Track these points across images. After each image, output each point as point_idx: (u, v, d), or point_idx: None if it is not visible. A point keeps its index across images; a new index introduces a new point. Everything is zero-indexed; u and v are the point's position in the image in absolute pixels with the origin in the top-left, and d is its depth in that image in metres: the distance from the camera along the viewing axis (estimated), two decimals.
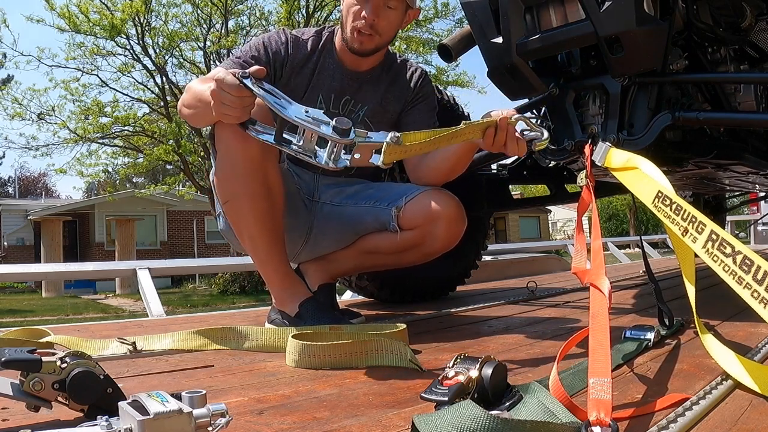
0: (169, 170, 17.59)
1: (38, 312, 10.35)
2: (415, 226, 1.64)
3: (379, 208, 1.69)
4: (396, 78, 1.79)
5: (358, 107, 1.73)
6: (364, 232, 1.74)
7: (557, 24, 1.59)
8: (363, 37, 1.60)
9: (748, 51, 1.81)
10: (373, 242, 1.74)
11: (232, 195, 1.50)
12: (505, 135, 1.34)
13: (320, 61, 1.69)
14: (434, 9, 12.79)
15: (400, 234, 1.65)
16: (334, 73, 1.69)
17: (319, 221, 1.77)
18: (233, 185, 1.49)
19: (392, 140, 1.10)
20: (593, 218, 1.13)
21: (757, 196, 4.29)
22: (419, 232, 1.64)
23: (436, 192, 1.65)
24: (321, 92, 1.68)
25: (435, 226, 1.62)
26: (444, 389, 0.77)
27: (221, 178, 1.51)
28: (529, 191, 19.15)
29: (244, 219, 1.51)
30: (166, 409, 0.61)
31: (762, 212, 7.30)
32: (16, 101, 12.53)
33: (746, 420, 0.79)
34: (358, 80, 1.72)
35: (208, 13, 12.35)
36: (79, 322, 4.99)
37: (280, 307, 1.55)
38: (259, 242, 1.53)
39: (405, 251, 1.70)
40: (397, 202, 1.65)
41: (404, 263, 1.78)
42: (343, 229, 1.76)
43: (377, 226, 1.70)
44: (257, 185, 1.47)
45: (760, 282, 0.83)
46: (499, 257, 4.95)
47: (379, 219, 1.68)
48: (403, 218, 1.64)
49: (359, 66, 1.71)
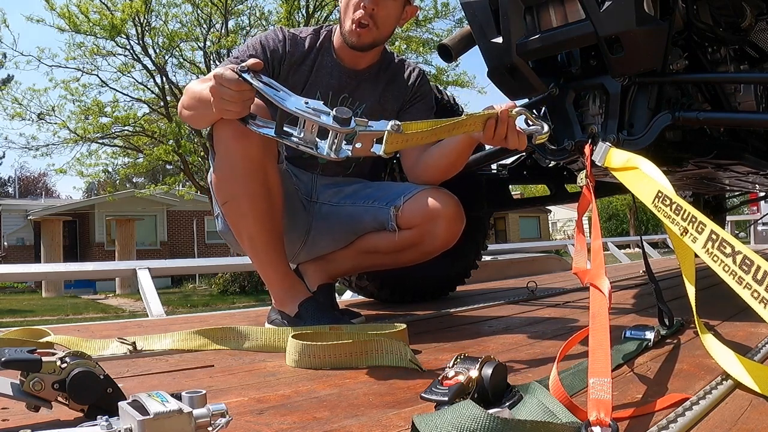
0: (169, 170, 17.58)
1: (38, 312, 10.35)
2: (414, 225, 1.64)
3: (377, 207, 1.69)
4: (394, 77, 1.80)
5: (356, 105, 1.73)
6: (362, 231, 1.74)
7: (557, 24, 1.59)
8: (362, 30, 1.60)
9: (748, 51, 1.81)
10: (371, 242, 1.74)
11: (231, 196, 1.50)
12: (506, 127, 1.34)
13: (318, 58, 1.70)
14: (434, 9, 12.78)
15: (398, 233, 1.65)
16: (332, 70, 1.70)
17: (318, 221, 1.77)
18: (232, 186, 1.48)
19: (393, 128, 1.10)
20: (593, 218, 1.13)
21: (757, 196, 4.29)
22: (418, 231, 1.64)
23: (435, 191, 1.65)
24: (319, 89, 1.68)
25: (434, 225, 1.62)
26: (444, 389, 0.77)
27: (220, 179, 1.51)
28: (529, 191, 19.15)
29: (243, 219, 1.50)
30: (166, 409, 0.61)
31: (762, 212, 7.31)
32: (16, 101, 12.54)
33: (746, 420, 0.79)
34: (356, 78, 1.73)
35: (208, 13, 12.35)
36: (79, 322, 4.99)
37: (279, 308, 1.55)
38: (259, 243, 1.52)
39: (404, 250, 1.70)
40: (396, 201, 1.65)
41: (403, 262, 1.78)
42: (341, 229, 1.76)
43: (376, 225, 1.70)
44: (257, 186, 1.47)
45: (760, 282, 0.83)
46: (499, 257, 4.95)
47: (378, 218, 1.68)
48: (402, 217, 1.64)
49: (357, 64, 1.72)
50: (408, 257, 1.73)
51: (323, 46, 1.71)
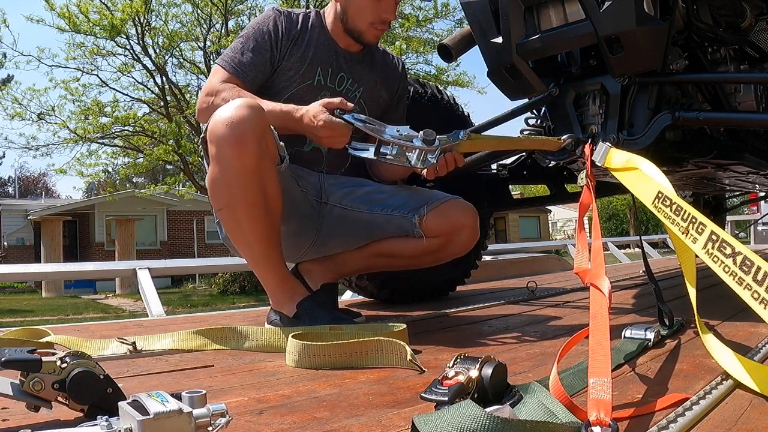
0: (169, 170, 17.58)
1: (38, 312, 10.35)
2: (439, 234, 1.70)
3: (400, 216, 1.72)
4: (384, 64, 1.89)
5: (355, 87, 1.79)
6: (381, 237, 1.76)
7: (557, 24, 1.59)
8: (379, 32, 1.73)
9: (748, 51, 1.81)
10: (390, 246, 1.76)
11: (225, 203, 1.48)
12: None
13: (314, 35, 1.75)
14: (434, 9, 12.77)
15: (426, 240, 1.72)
16: (328, 48, 1.76)
17: (329, 222, 1.77)
18: (228, 194, 1.46)
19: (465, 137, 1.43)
20: (593, 218, 1.13)
21: (757, 196, 4.29)
22: (442, 240, 1.71)
23: (457, 202, 1.74)
24: (319, 66, 1.73)
25: (458, 235, 1.71)
26: (444, 389, 0.77)
27: (216, 186, 1.47)
28: (529, 191, 19.15)
29: (239, 226, 1.49)
30: (166, 409, 0.61)
31: (762, 212, 7.31)
32: (16, 101, 12.51)
33: (746, 420, 0.79)
34: (351, 60, 1.79)
35: (208, 13, 12.33)
36: (79, 322, 4.99)
37: (277, 308, 1.55)
38: (256, 249, 1.51)
39: (423, 256, 1.76)
40: (419, 210, 1.70)
41: (418, 266, 1.85)
42: (356, 233, 1.77)
43: (398, 232, 1.73)
44: (252, 193, 1.44)
45: (760, 283, 0.83)
46: (499, 257, 4.95)
47: (401, 226, 1.72)
48: (426, 226, 1.69)
49: (350, 47, 1.79)
50: (425, 262, 1.80)
51: (316, 26, 1.77)
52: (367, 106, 1.79)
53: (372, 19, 1.68)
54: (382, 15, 1.68)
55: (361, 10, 1.68)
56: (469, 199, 1.75)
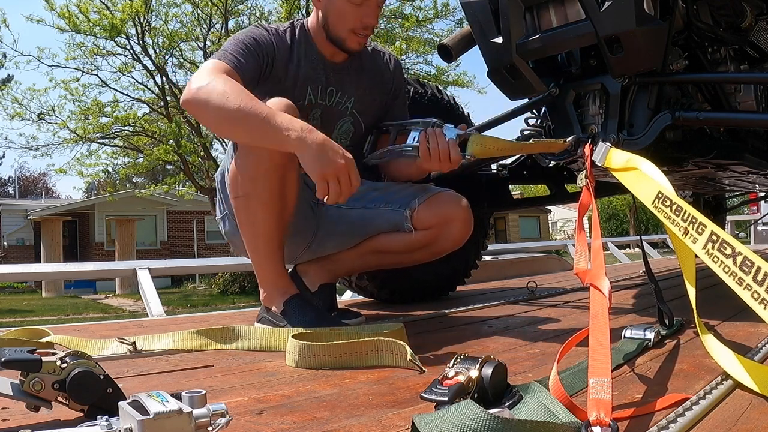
0: (169, 170, 17.58)
1: (38, 312, 10.34)
2: (429, 227, 1.68)
3: (391, 210, 1.72)
4: (373, 66, 1.81)
5: (345, 98, 1.74)
6: (374, 233, 1.76)
7: (557, 24, 1.59)
8: (361, 39, 1.64)
9: (748, 51, 1.81)
10: (382, 242, 1.76)
11: (245, 192, 1.50)
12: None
13: (301, 51, 1.69)
14: (434, 9, 12.77)
15: (415, 233, 1.70)
16: (316, 64, 1.70)
17: (325, 223, 1.78)
18: (251, 183, 1.48)
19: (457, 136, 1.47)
20: (593, 218, 1.13)
21: (757, 196, 4.29)
22: (433, 233, 1.69)
23: (448, 194, 1.71)
24: (309, 85, 1.68)
25: (448, 227, 1.69)
26: (444, 389, 0.77)
27: (240, 174, 1.49)
28: (529, 191, 19.15)
29: (252, 218, 1.51)
30: (166, 409, 0.61)
31: (762, 212, 7.31)
32: (16, 101, 12.50)
33: (746, 420, 0.79)
34: (339, 72, 1.73)
35: (208, 13, 12.32)
36: (79, 322, 4.99)
37: (267, 305, 1.56)
38: (262, 242, 1.53)
39: (415, 251, 1.74)
40: (410, 203, 1.69)
41: (411, 262, 1.83)
42: (351, 231, 1.77)
43: (390, 227, 1.73)
44: (274, 187, 1.48)
45: (760, 283, 0.83)
46: (499, 257, 4.94)
47: (392, 221, 1.72)
48: (417, 219, 1.69)
49: (336, 57, 1.72)
50: (418, 257, 1.78)
51: (303, 40, 1.70)
52: (360, 115, 1.75)
53: (353, 24, 1.60)
54: (364, 20, 1.60)
55: (341, 15, 1.61)
56: (469, 199, 1.75)
